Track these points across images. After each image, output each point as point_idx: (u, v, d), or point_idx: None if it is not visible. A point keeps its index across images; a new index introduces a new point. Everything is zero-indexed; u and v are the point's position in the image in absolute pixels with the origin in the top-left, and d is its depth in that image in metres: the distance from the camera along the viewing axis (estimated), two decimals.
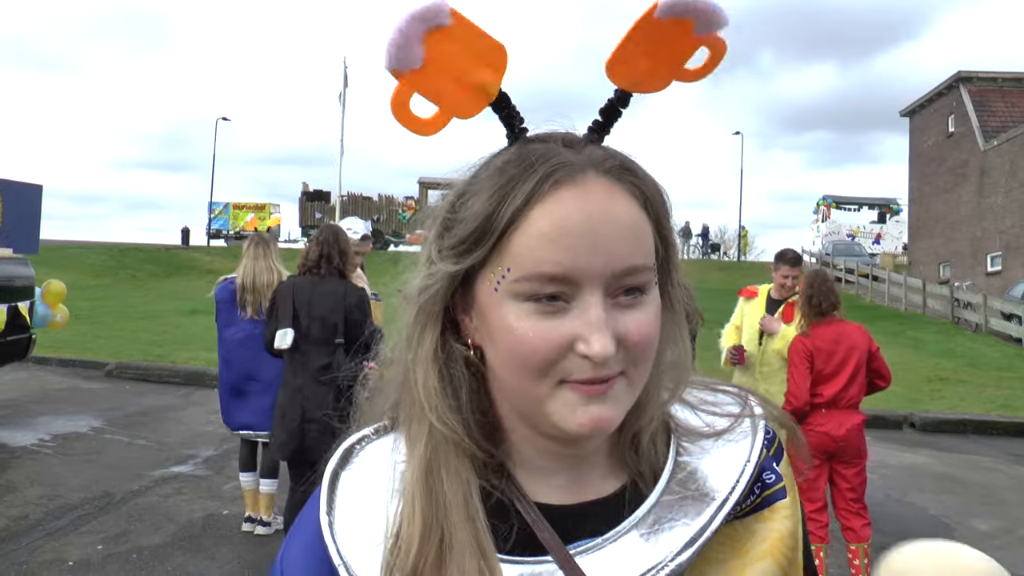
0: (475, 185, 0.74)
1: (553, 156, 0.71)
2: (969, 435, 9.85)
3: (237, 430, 5.42)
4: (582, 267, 0.68)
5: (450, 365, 0.77)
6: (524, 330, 0.69)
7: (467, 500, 0.73)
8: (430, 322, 0.77)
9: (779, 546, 0.77)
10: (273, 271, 5.27)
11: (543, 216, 0.69)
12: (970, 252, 28.35)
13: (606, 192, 0.71)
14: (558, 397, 0.71)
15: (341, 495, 0.79)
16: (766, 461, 0.81)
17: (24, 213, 8.51)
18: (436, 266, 0.75)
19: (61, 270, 21.50)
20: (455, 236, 0.73)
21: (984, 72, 29.71)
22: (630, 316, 0.71)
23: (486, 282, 0.72)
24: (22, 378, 10.68)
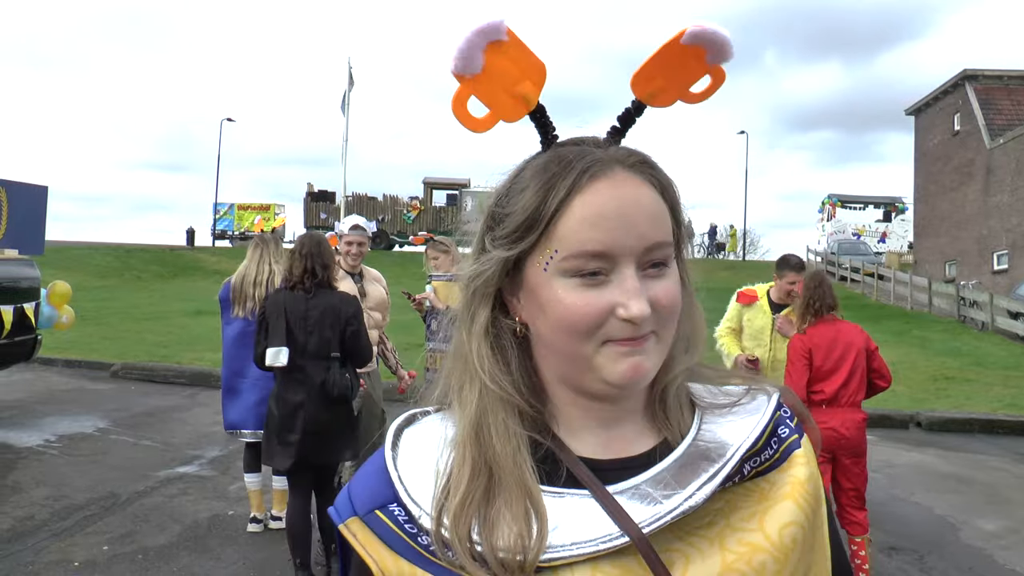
0: (519, 183, 0.87)
1: (587, 155, 0.85)
2: (975, 434, 9.81)
3: (228, 430, 5.46)
4: (618, 244, 0.82)
5: (500, 337, 0.90)
6: (572, 300, 0.82)
7: (516, 451, 0.85)
8: (484, 302, 0.90)
9: (799, 489, 0.88)
10: (264, 272, 5.31)
11: (583, 205, 0.82)
12: (976, 251, 28.25)
13: (631, 182, 0.84)
14: (602, 353, 0.83)
15: (403, 444, 0.92)
16: (779, 419, 0.93)
17: (29, 214, 8.52)
18: (490, 254, 0.88)
19: (66, 271, 21.56)
20: (506, 227, 0.86)
21: (990, 70, 29.59)
22: (658, 284, 0.84)
23: (535, 264, 0.85)
24: (28, 379, 10.72)
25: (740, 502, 0.86)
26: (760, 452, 0.88)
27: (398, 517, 0.86)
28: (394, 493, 0.87)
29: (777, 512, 0.85)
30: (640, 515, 0.81)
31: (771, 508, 0.86)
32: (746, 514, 0.85)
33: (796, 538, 0.85)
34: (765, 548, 0.82)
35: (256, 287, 5.26)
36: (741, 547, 0.82)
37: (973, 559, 5.56)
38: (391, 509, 0.87)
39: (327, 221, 38.18)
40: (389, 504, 0.87)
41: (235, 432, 5.45)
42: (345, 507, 0.90)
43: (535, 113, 0.90)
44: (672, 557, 0.82)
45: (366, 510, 0.88)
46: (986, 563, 5.51)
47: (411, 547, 0.84)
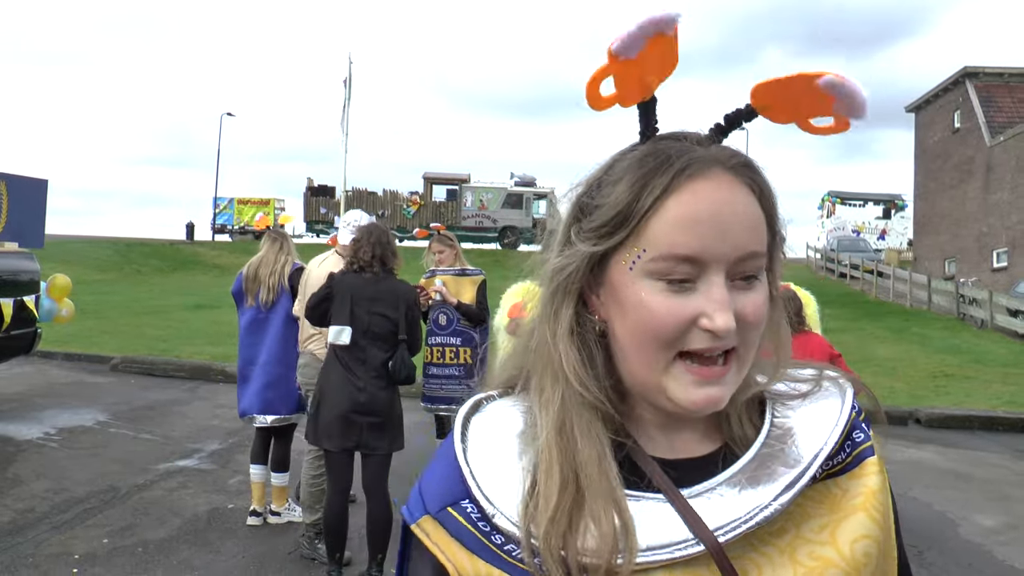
0: (612, 175, 0.83)
1: (687, 152, 0.80)
2: (975, 431, 9.83)
3: (242, 416, 5.55)
4: (710, 251, 0.78)
5: (585, 337, 0.85)
6: (656, 304, 0.79)
7: (601, 457, 0.81)
8: (568, 299, 0.85)
9: (872, 500, 0.84)
10: (280, 261, 5.45)
11: (678, 205, 0.78)
12: (976, 248, 28.26)
13: (731, 185, 0.80)
14: (673, 372, 0.80)
15: (472, 435, 0.88)
16: (855, 420, 0.88)
17: (30, 207, 8.51)
18: (576, 247, 0.84)
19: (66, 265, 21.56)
20: (595, 220, 0.83)
21: (991, 67, 29.56)
22: (746, 298, 0.80)
23: (620, 262, 0.81)
24: (28, 372, 10.72)
25: (811, 510, 0.82)
26: (834, 456, 0.85)
27: (471, 515, 0.83)
28: (466, 489, 0.84)
29: (850, 525, 0.81)
30: (715, 521, 0.79)
31: (843, 520, 0.82)
32: (817, 525, 0.81)
33: (869, 552, 0.81)
34: (837, 564, 0.79)
35: (271, 276, 5.38)
36: (812, 561, 0.79)
37: (972, 555, 5.57)
38: (464, 506, 0.84)
39: (327, 216, 38.17)
40: (462, 500, 0.84)
41: (247, 418, 5.51)
42: (417, 505, 0.87)
43: (647, 102, 0.87)
44: (744, 566, 0.79)
45: (438, 507, 0.85)
46: (985, 559, 5.52)
47: (486, 546, 0.81)
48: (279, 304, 5.40)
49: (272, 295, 5.39)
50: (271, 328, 5.39)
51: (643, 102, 0.87)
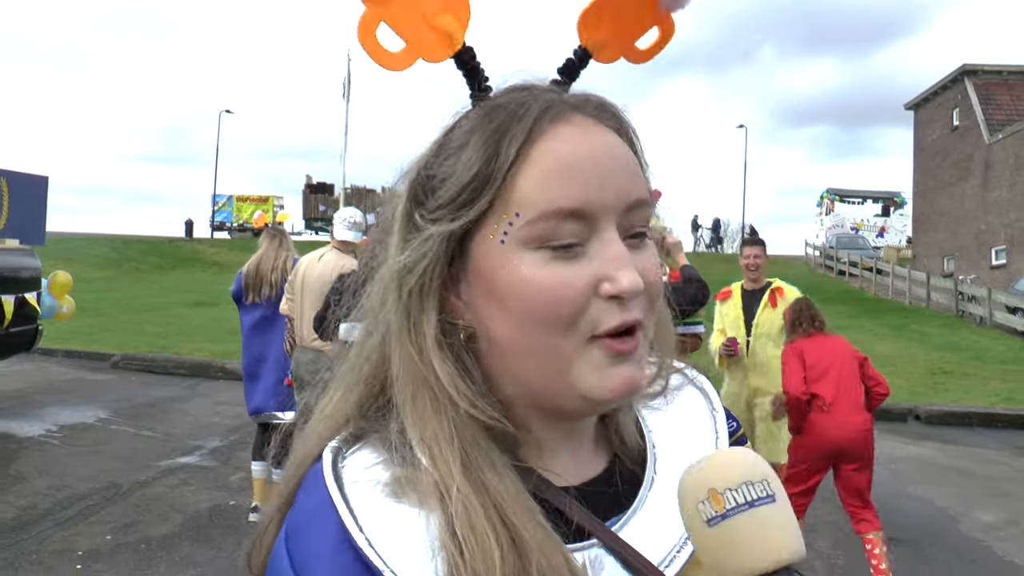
0: (454, 141, 0.69)
1: (538, 97, 0.69)
2: (974, 428, 9.86)
3: (252, 414, 5.56)
4: (596, 199, 0.65)
5: (455, 347, 0.69)
6: (543, 278, 0.64)
7: (519, 493, 0.65)
8: (428, 302, 0.69)
9: None
10: (281, 258, 5.47)
11: (548, 153, 0.66)
12: (974, 246, 28.29)
13: (598, 129, 0.69)
14: (586, 358, 0.65)
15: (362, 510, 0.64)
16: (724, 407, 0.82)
17: (30, 204, 8.50)
18: (425, 231, 0.68)
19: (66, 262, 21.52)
20: (447, 191, 0.67)
21: (989, 65, 29.59)
22: (642, 256, 0.68)
23: (488, 237, 0.66)
24: (28, 369, 10.72)
25: None
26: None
27: None
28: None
29: None
30: (657, 552, 0.70)
31: None
32: None
33: None
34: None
35: (273, 271, 5.40)
36: None
37: (973, 551, 5.59)
38: None
39: (325, 213, 38.17)
40: None
41: (260, 415, 5.52)
42: None
43: (462, 55, 0.72)
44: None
45: None
46: (985, 554, 5.54)
47: None
48: None
49: (275, 291, 5.40)
50: (279, 325, 5.40)
51: (457, 56, 0.73)
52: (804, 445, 4.65)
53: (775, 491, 0.59)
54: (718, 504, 0.59)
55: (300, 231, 39.26)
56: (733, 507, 0.58)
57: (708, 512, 0.59)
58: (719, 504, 0.59)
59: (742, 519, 0.58)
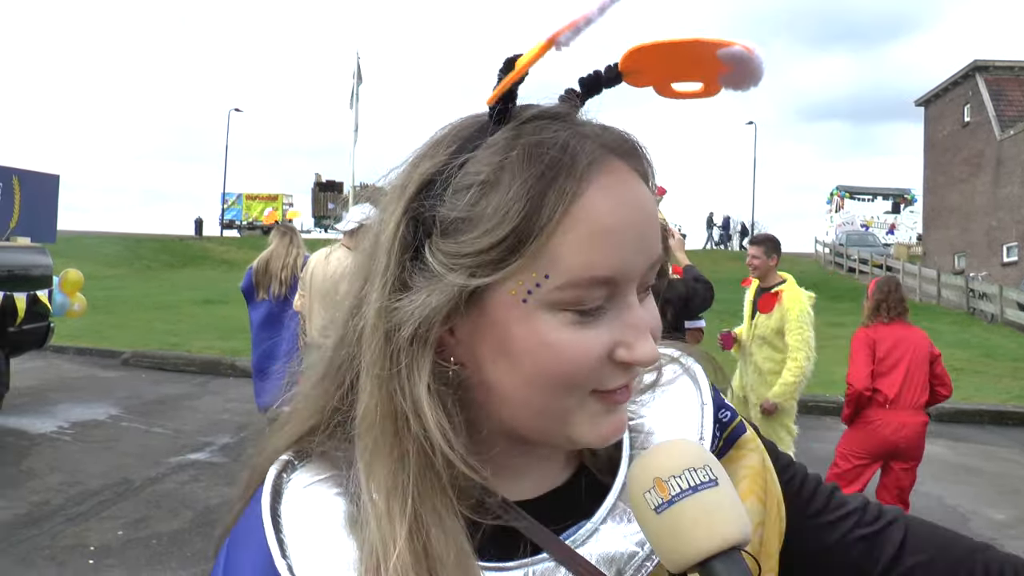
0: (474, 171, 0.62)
1: (582, 136, 0.62)
2: (985, 425, 9.81)
3: (263, 410, 5.59)
4: (630, 266, 0.62)
5: (443, 395, 0.64)
6: (565, 343, 0.61)
7: (459, 555, 0.63)
8: (425, 351, 0.63)
9: (757, 481, 0.76)
10: (292, 254, 5.48)
11: (591, 213, 0.60)
12: (985, 242, 28.15)
13: (632, 179, 0.64)
14: (584, 410, 0.64)
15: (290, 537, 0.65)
16: (717, 398, 0.79)
17: (42, 202, 8.57)
18: (441, 280, 0.61)
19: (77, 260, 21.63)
20: (474, 242, 0.60)
21: (1001, 61, 29.42)
22: (648, 309, 0.66)
23: (508, 293, 0.61)
24: (40, 366, 10.78)
25: None
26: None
27: None
28: None
29: None
30: (613, 567, 0.67)
31: None
32: None
33: (763, 537, 0.75)
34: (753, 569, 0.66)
35: (283, 269, 5.41)
36: None
37: None
38: None
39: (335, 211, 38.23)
40: None
41: (272, 411, 5.54)
42: None
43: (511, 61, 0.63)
44: None
45: None
46: None
47: None
48: (294, 297, 5.44)
49: (284, 288, 5.43)
50: (289, 322, 5.42)
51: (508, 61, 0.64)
52: (857, 440, 4.54)
53: (717, 475, 0.61)
54: (663, 491, 0.60)
55: (309, 229, 39.37)
56: (677, 493, 0.59)
57: (654, 500, 0.60)
58: (664, 491, 0.60)
59: (687, 504, 0.59)
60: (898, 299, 4.68)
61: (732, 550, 0.59)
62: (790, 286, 5.35)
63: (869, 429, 4.48)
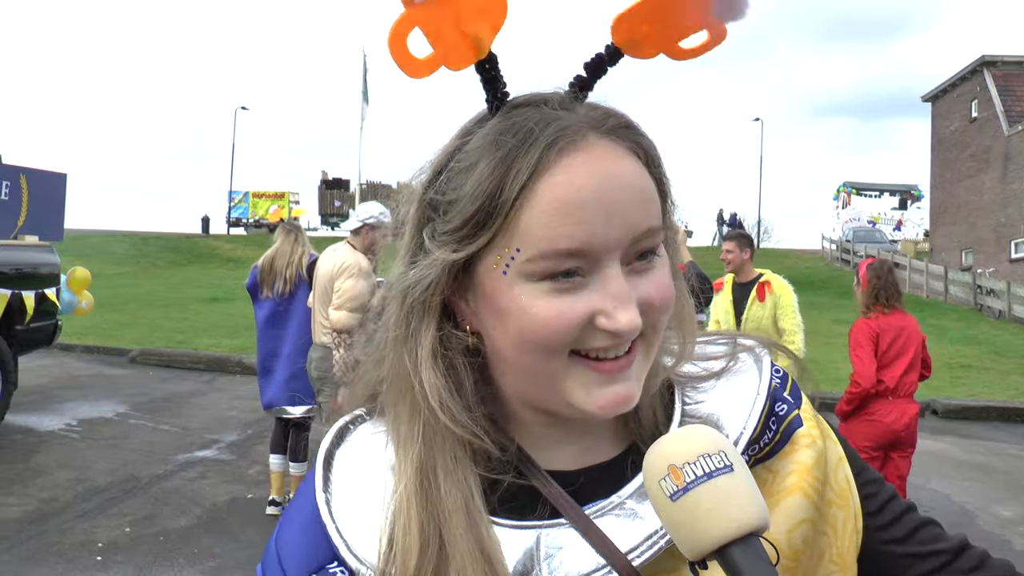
0: (464, 159, 0.69)
1: (552, 121, 0.67)
2: (992, 422, 9.77)
3: (266, 408, 5.60)
4: (599, 239, 0.65)
5: (452, 359, 0.72)
6: (539, 309, 0.66)
7: (468, 504, 0.69)
8: (428, 316, 0.72)
9: (806, 478, 0.74)
10: (296, 253, 5.48)
11: (552, 188, 0.65)
12: (993, 239, 28.03)
13: (612, 155, 0.67)
14: (572, 376, 0.68)
15: (336, 475, 0.75)
16: (776, 392, 0.78)
17: (49, 201, 8.58)
18: (432, 255, 0.70)
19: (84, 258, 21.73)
20: (452, 220, 0.68)
21: (1009, 56, 29.26)
22: (648, 280, 0.69)
23: (490, 265, 0.68)
24: (48, 364, 10.83)
25: None
26: (759, 439, 0.75)
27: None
28: (333, 549, 0.70)
29: (784, 511, 0.72)
30: (628, 540, 0.69)
31: (777, 507, 0.72)
32: None
33: (807, 538, 0.73)
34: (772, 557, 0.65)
35: (288, 267, 5.41)
36: None
37: (990, 546, 5.50)
38: (331, 571, 0.70)
39: (341, 209, 38.30)
40: (328, 565, 0.70)
41: (272, 410, 5.55)
42: (274, 570, 0.73)
43: (484, 63, 0.70)
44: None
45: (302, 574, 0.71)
46: (1004, 550, 5.50)
47: None
48: (298, 295, 5.43)
49: (289, 286, 5.43)
50: (293, 320, 5.43)
51: (480, 63, 0.70)
52: (862, 434, 4.51)
53: (733, 461, 0.61)
54: (678, 478, 0.60)
55: (315, 227, 39.40)
56: (692, 480, 0.60)
57: (670, 488, 0.60)
58: (678, 478, 0.60)
59: (701, 490, 0.59)
60: (893, 283, 4.68)
61: (750, 536, 0.59)
62: (774, 276, 5.48)
63: (872, 421, 4.50)
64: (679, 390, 0.79)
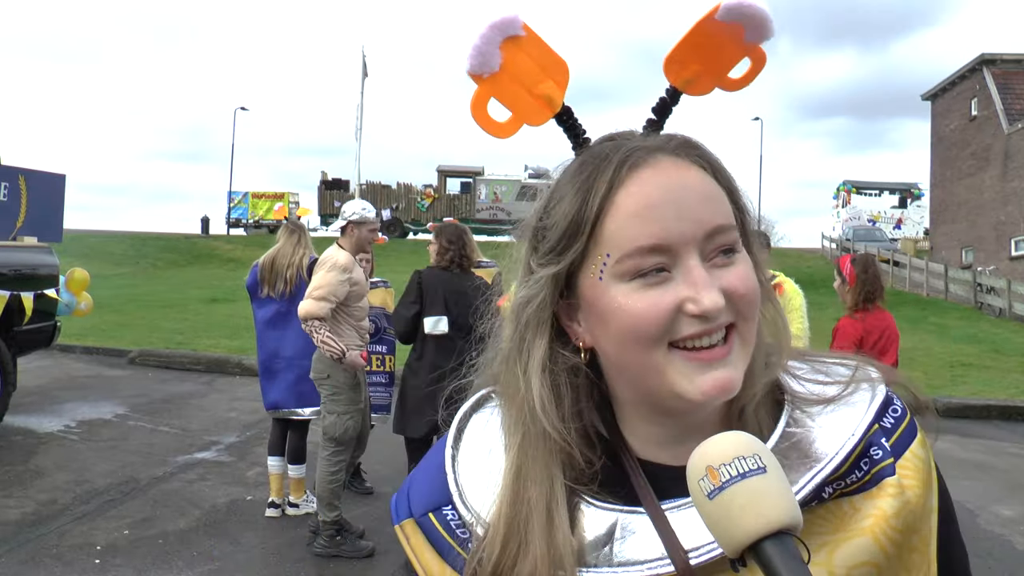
0: (557, 192, 0.81)
1: (623, 146, 0.78)
2: (993, 420, 9.77)
3: (269, 409, 5.57)
4: (674, 234, 0.74)
5: (556, 375, 0.81)
6: (633, 303, 0.74)
7: (550, 509, 0.78)
8: (540, 331, 0.82)
9: (882, 525, 0.76)
10: (299, 254, 5.45)
11: (627, 198, 0.75)
12: (993, 237, 28.00)
13: (677, 167, 0.77)
14: (673, 366, 0.75)
15: (468, 435, 0.88)
16: (875, 436, 0.80)
17: (48, 202, 8.56)
18: (537, 274, 0.81)
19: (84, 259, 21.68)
20: (550, 239, 0.80)
21: (1008, 54, 29.20)
22: (729, 272, 0.76)
23: (589, 275, 0.78)
24: (47, 365, 10.82)
25: (815, 526, 0.75)
26: (845, 476, 0.77)
27: (451, 522, 0.83)
28: (451, 495, 0.84)
29: (851, 547, 0.75)
30: (693, 540, 0.74)
31: (845, 541, 0.75)
32: (817, 543, 0.74)
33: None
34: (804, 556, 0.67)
35: (289, 268, 5.38)
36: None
37: (991, 545, 5.54)
38: (445, 513, 0.84)
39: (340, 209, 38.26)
40: (444, 507, 0.84)
41: (278, 412, 5.52)
42: (403, 506, 0.88)
43: (561, 115, 0.84)
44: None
45: (422, 511, 0.86)
46: (1005, 548, 5.49)
47: (459, 555, 0.82)
48: (299, 296, 5.38)
49: (290, 287, 5.40)
50: (294, 321, 5.39)
51: (557, 116, 0.84)
52: None
53: (767, 464, 0.65)
54: (714, 478, 0.65)
55: (316, 227, 39.33)
56: (727, 479, 0.65)
57: (707, 487, 0.65)
58: (715, 478, 0.65)
59: (736, 489, 0.64)
60: (878, 277, 4.70)
61: (782, 533, 0.63)
62: (787, 280, 5.41)
63: None
64: (788, 409, 0.82)
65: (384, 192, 37.99)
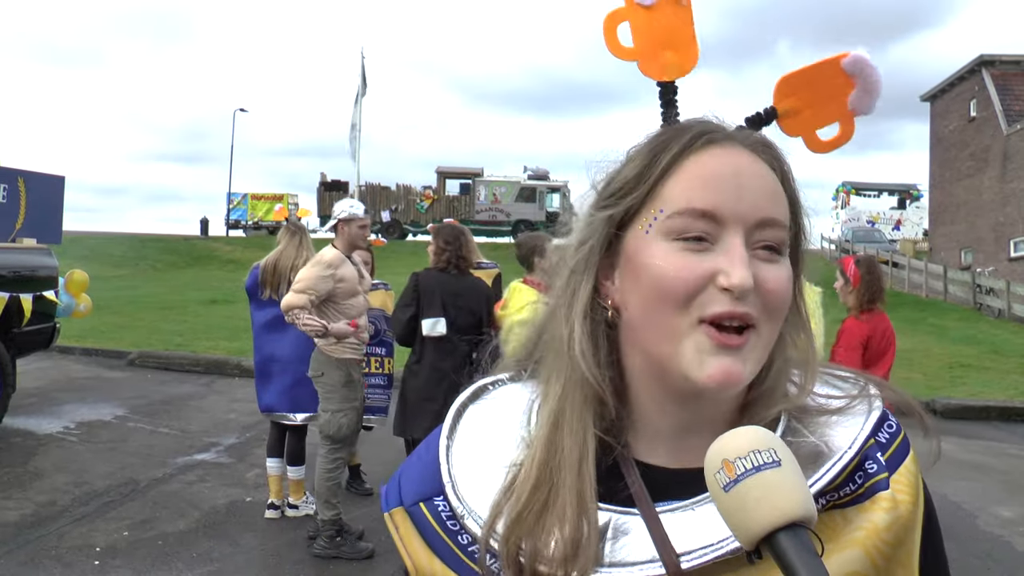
0: (633, 149, 0.84)
1: (705, 123, 0.82)
2: (992, 421, 9.77)
3: (264, 412, 5.57)
4: (729, 207, 0.76)
5: (596, 323, 0.83)
6: (671, 262, 0.76)
7: (582, 460, 0.79)
8: (587, 275, 0.83)
9: (873, 538, 0.76)
10: (302, 256, 5.43)
11: (694, 165, 0.78)
12: (992, 238, 28.01)
13: (749, 157, 0.79)
14: (692, 339, 0.76)
15: (464, 426, 0.89)
16: (870, 450, 0.81)
17: (47, 204, 8.55)
18: (594, 216, 0.83)
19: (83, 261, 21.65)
20: (612, 187, 0.82)
21: (1007, 55, 29.21)
22: (768, 268, 0.77)
23: (638, 228, 0.80)
24: (47, 367, 10.81)
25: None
26: (839, 487, 0.78)
27: (441, 513, 0.84)
28: (443, 486, 0.84)
29: (842, 559, 0.75)
30: (685, 543, 0.75)
31: (836, 552, 0.75)
32: None
33: None
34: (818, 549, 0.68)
35: (291, 270, 5.36)
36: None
37: (990, 545, 5.54)
38: (436, 503, 0.84)
39: None
40: (435, 497, 0.85)
41: (271, 415, 5.52)
42: (393, 494, 0.88)
43: (668, 84, 0.90)
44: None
45: (412, 500, 0.86)
46: (1004, 549, 5.49)
47: (448, 546, 0.82)
48: None
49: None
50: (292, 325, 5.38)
51: (664, 83, 0.89)
52: None
53: (782, 458, 0.66)
54: (730, 471, 0.66)
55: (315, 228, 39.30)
56: (743, 472, 0.66)
57: (723, 480, 0.66)
58: (731, 471, 0.66)
59: (751, 482, 0.65)
60: (880, 278, 4.70)
61: (796, 526, 0.64)
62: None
63: None
64: (784, 420, 0.82)
65: (383, 194, 37.97)
